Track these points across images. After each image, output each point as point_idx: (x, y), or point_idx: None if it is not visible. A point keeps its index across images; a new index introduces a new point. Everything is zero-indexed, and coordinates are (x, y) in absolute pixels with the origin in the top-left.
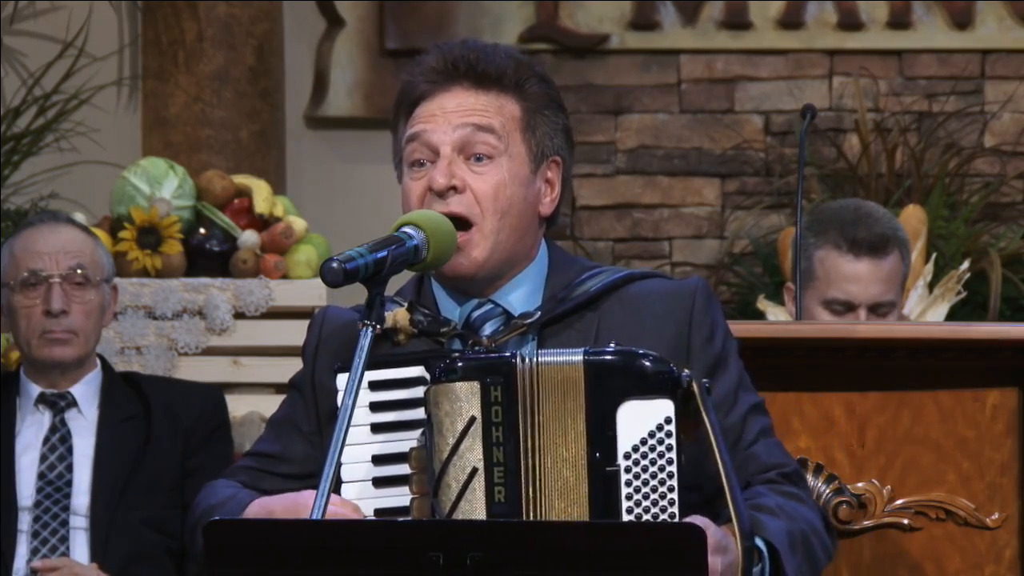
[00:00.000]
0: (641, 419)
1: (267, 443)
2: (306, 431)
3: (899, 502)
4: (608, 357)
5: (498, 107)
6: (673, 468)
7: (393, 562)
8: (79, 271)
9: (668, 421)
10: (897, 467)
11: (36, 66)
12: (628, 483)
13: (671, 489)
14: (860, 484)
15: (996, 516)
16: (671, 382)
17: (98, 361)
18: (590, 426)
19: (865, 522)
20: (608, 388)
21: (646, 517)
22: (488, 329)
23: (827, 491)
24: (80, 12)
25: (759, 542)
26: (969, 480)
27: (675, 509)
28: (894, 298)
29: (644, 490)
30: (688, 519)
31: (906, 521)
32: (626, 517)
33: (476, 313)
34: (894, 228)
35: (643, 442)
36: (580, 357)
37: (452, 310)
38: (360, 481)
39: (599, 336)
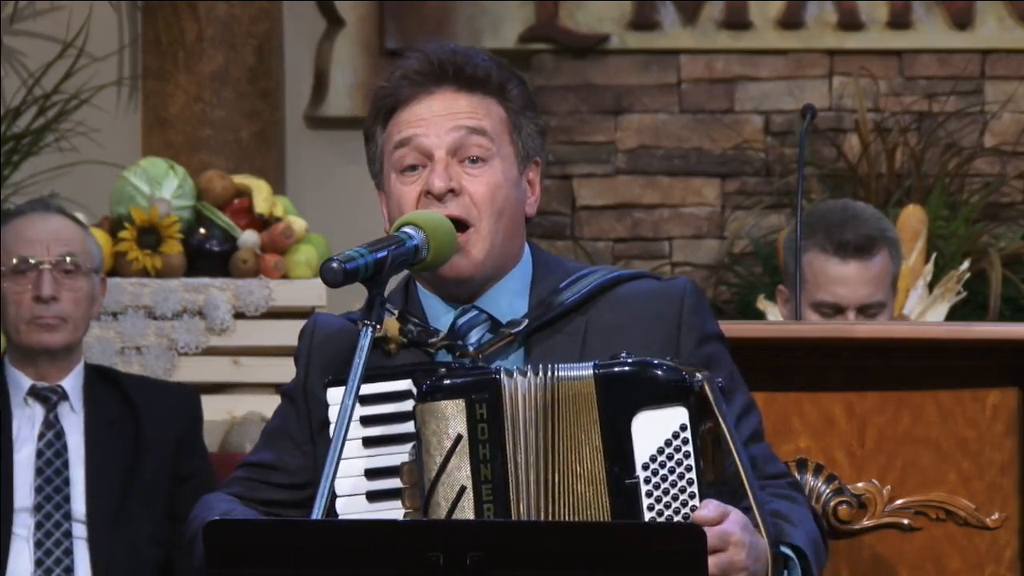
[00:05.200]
0: (657, 429)
1: (261, 453)
2: (299, 440)
3: (899, 502)
4: (618, 368)
5: (485, 109)
6: (692, 475)
7: (393, 562)
8: (69, 259)
9: (683, 428)
10: (897, 467)
11: (36, 66)
12: (648, 494)
13: (692, 496)
14: (860, 484)
15: (996, 516)
16: (683, 389)
17: (83, 356)
18: (606, 440)
19: (865, 522)
20: (621, 400)
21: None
22: (474, 336)
23: (827, 491)
24: (80, 12)
25: (786, 549)
26: (969, 480)
27: None
28: (883, 299)
29: (665, 499)
30: (712, 508)
31: (906, 521)
32: None
33: (462, 320)
34: (882, 228)
35: (660, 451)
36: (591, 371)
37: (440, 317)
38: (353, 495)
39: (587, 340)
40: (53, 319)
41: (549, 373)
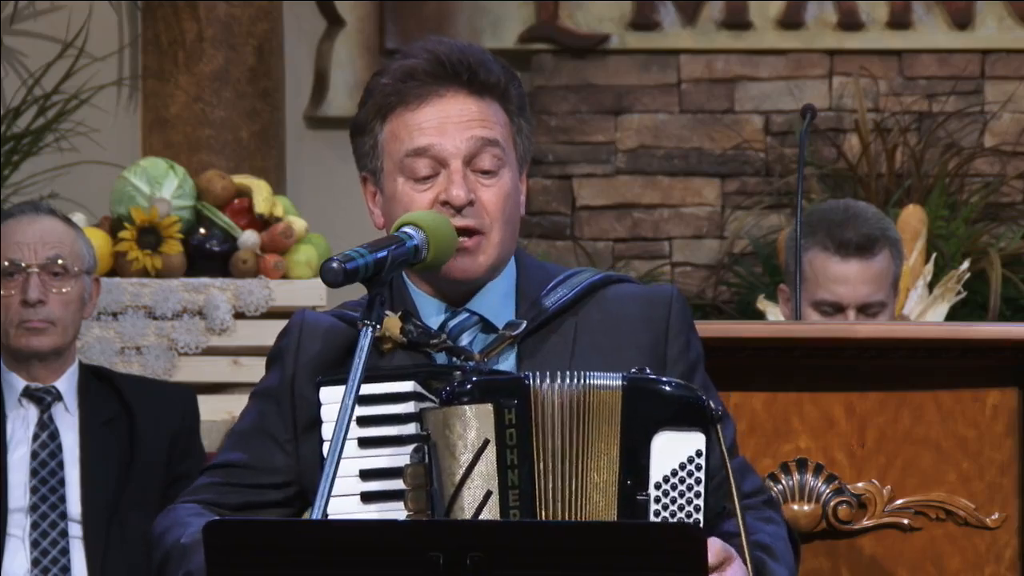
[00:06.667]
0: (674, 450)
1: (232, 453)
2: (281, 439)
3: (899, 502)
4: (646, 384)
5: (494, 116)
6: (700, 501)
7: (393, 562)
8: (58, 261)
9: (699, 454)
10: (897, 467)
11: (36, 66)
12: (656, 513)
13: (697, 523)
14: (860, 484)
15: (996, 516)
16: (704, 415)
17: (78, 356)
18: (624, 453)
19: (865, 522)
20: (645, 416)
21: None
22: (466, 339)
23: (827, 491)
24: (80, 12)
25: None
26: (969, 480)
27: None
28: (884, 298)
29: (671, 521)
30: (716, 553)
31: (906, 521)
32: None
33: (453, 322)
34: (883, 228)
35: (673, 473)
36: (619, 382)
37: (431, 317)
38: (348, 495)
39: (577, 340)
40: (40, 323)
41: (577, 379)
